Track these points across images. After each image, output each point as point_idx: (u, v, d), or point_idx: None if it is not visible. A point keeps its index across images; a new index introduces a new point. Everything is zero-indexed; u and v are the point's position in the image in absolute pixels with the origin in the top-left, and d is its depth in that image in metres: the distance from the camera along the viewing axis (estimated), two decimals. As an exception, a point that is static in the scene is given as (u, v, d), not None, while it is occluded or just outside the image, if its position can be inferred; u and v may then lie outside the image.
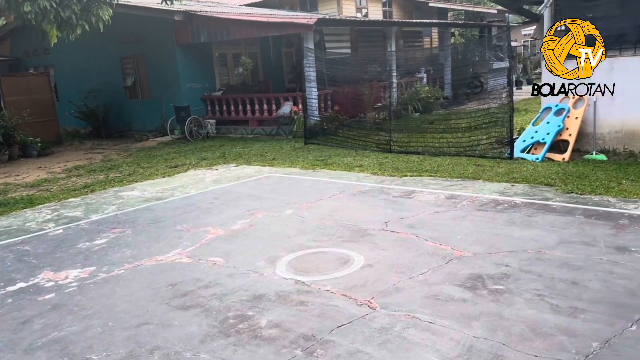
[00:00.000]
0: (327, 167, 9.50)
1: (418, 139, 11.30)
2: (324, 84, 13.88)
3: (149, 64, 15.93)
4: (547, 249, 4.72)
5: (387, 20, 18.91)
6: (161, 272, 4.82)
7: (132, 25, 15.41)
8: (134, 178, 9.68)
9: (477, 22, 24.55)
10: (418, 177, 8.24)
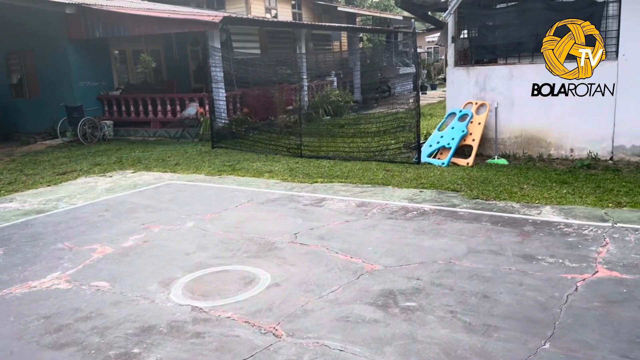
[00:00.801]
0: (235, 173, 9.02)
1: (329, 144, 11.13)
2: (233, 85, 13.34)
3: (37, 60, 14.48)
4: (456, 259, 4.61)
5: (297, 22, 18.70)
6: (33, 302, 4.13)
7: (18, 18, 13.91)
8: (14, 187, 8.60)
9: (384, 28, 25.08)
10: (329, 184, 8.01)
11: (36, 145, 13.37)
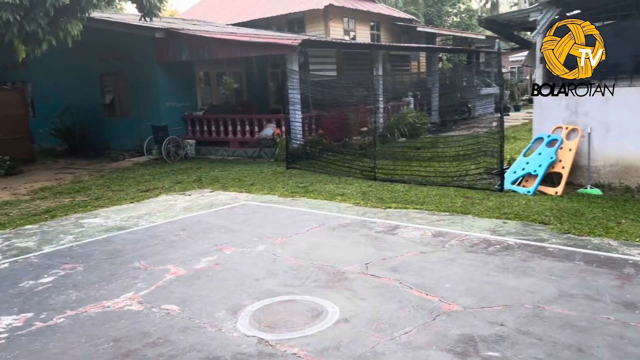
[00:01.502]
0: (307, 195, 8.95)
1: (404, 167, 10.82)
2: (309, 106, 13.41)
3: (128, 82, 15.37)
4: (546, 304, 4.18)
5: (374, 44, 18.61)
6: (106, 323, 4.18)
7: (112, 41, 14.88)
8: (100, 203, 9.03)
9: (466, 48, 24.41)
10: (403, 210, 7.71)
11: (124, 162, 14.10)
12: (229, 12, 24.26)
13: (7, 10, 8.19)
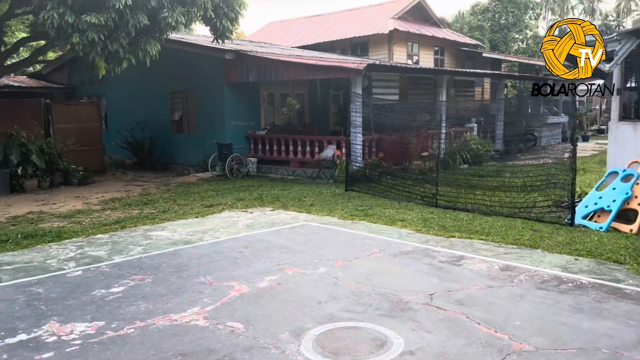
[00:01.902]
0: (367, 219, 8.90)
1: (467, 195, 10.58)
2: (370, 129, 13.43)
3: (197, 100, 15.96)
4: (625, 350, 3.93)
5: (440, 69, 18.45)
6: (173, 336, 4.28)
7: (183, 61, 15.54)
8: (167, 216, 9.35)
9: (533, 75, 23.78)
10: (467, 240, 7.52)
11: (189, 177, 14.58)
12: (294, 35, 24.84)
13: (93, 31, 8.76)
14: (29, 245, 7.39)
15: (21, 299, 5.27)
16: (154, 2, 9.15)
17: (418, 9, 23.17)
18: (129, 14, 8.97)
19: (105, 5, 8.90)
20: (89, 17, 8.70)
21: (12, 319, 4.75)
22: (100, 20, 8.70)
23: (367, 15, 22.97)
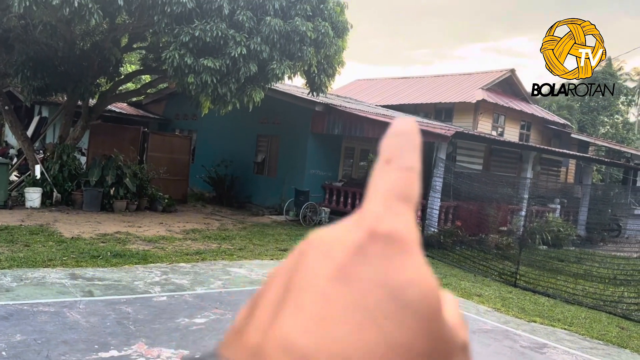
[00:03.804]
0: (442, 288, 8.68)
1: (548, 278, 10.13)
2: (449, 196, 13.30)
3: (281, 145, 16.53)
4: None
5: (528, 144, 18.14)
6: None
7: (274, 107, 16.25)
8: (243, 254, 9.58)
9: (623, 163, 22.80)
10: (549, 327, 7.16)
11: (263, 218, 14.93)
12: (380, 94, 25.38)
13: (207, 73, 9.46)
14: (117, 264, 7.79)
15: (112, 316, 5.53)
16: (265, 54, 9.79)
17: (507, 82, 23.12)
18: (242, 62, 9.63)
19: (222, 52, 9.62)
20: (205, 60, 9.43)
21: (105, 334, 4.98)
22: (216, 65, 9.39)
23: (454, 83, 23.16)
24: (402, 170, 0.32)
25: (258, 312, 0.28)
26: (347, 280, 0.27)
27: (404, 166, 0.32)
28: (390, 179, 0.31)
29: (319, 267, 0.28)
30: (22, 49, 11.46)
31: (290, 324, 0.25)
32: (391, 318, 0.25)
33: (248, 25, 10.12)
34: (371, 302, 0.26)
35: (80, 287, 6.47)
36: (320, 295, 0.26)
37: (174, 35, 9.82)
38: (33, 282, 6.49)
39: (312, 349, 0.24)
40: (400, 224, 0.29)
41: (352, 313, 0.25)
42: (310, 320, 0.25)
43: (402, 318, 0.26)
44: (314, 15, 10.83)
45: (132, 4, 9.52)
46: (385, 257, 0.27)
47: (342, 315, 0.25)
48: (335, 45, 11.14)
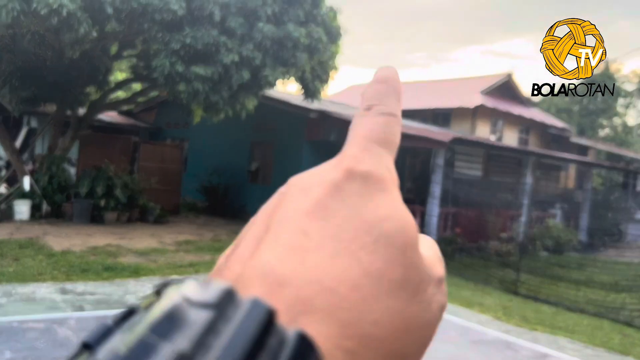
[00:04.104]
0: (441, 298, 8.47)
1: (549, 285, 9.93)
2: (447, 202, 13.11)
3: (275, 153, 16.33)
4: None
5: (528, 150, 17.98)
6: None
7: (267, 114, 16.06)
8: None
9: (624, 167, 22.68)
10: (551, 335, 6.97)
11: (258, 228, 14.69)
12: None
13: (199, 81, 9.28)
14: (109, 277, 7.56)
15: (98, 334, 5.30)
16: (258, 60, 9.61)
17: (505, 86, 23.01)
18: (234, 69, 9.45)
19: (214, 59, 9.44)
20: (197, 68, 9.25)
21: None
22: (208, 73, 9.21)
23: (452, 88, 23.05)
24: (382, 116, 0.33)
25: (239, 249, 0.28)
26: (324, 214, 0.27)
27: (384, 111, 0.33)
28: (370, 124, 0.33)
29: (298, 203, 0.28)
30: (10, 59, 11.27)
31: (268, 254, 0.26)
32: (365, 248, 0.26)
33: (240, 32, 9.95)
34: (347, 234, 0.27)
35: (71, 302, 6.26)
36: (297, 228, 0.27)
37: (165, 43, 9.64)
38: (23, 297, 6.31)
39: (288, 276, 0.25)
40: (377, 164, 0.30)
41: (327, 243, 0.26)
42: (287, 250, 0.26)
43: (376, 248, 0.26)
44: (308, 21, 10.67)
45: (122, 12, 9.35)
46: (362, 194, 0.28)
47: (318, 246, 0.26)
48: (329, 50, 10.99)
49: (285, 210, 0.28)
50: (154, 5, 9.17)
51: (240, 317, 0.21)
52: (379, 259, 0.26)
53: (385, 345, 0.25)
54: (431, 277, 0.29)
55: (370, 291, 0.25)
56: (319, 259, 0.26)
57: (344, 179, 0.29)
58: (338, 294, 0.25)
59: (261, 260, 0.26)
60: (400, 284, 0.26)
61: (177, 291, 0.22)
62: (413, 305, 0.27)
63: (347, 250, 0.26)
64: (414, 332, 0.27)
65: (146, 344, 0.19)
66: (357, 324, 0.24)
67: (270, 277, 0.25)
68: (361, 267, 0.26)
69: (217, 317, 0.21)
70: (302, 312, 0.24)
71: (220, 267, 0.29)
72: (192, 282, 0.23)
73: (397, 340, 0.26)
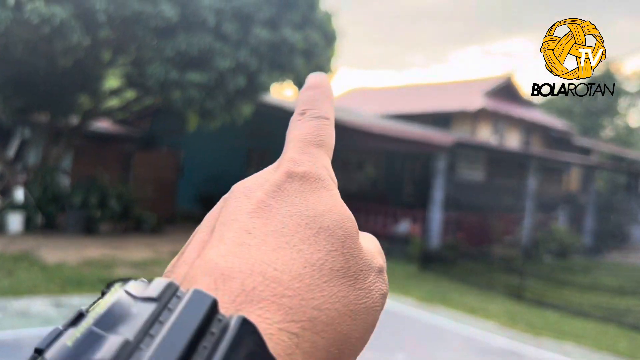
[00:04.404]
0: (444, 305, 8.29)
1: (554, 290, 9.75)
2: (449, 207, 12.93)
3: (272, 159, 15.68)
4: None
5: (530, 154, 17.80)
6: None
7: (263, 120, 15.90)
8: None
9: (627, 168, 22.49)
10: (558, 341, 6.80)
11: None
12: (376, 103, 25.11)
13: (194, 88, 9.11)
14: (101, 290, 7.38)
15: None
16: (254, 66, 9.47)
17: (506, 87, 22.87)
18: (230, 75, 9.30)
19: (209, 65, 9.29)
20: (192, 75, 9.10)
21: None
22: (203, 79, 9.05)
23: (453, 91, 22.92)
24: (315, 120, 0.35)
25: (185, 254, 0.29)
26: (266, 212, 0.29)
27: (317, 115, 0.36)
28: (305, 128, 0.35)
29: (240, 205, 0.29)
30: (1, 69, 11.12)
31: (212, 253, 0.27)
32: (307, 241, 0.28)
33: (235, 37, 9.81)
34: (288, 229, 0.28)
35: (66, 316, 6.05)
36: (240, 227, 0.28)
37: (159, 50, 9.49)
38: (17, 311, 6.15)
39: (232, 269, 0.26)
40: (315, 165, 0.32)
41: (270, 239, 0.27)
42: (231, 247, 0.27)
43: (317, 240, 0.28)
44: (304, 25, 10.53)
45: (115, 20, 9.21)
46: (301, 193, 0.30)
47: (261, 242, 0.27)
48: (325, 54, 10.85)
49: (228, 212, 0.29)
50: (147, 13, 9.03)
51: (182, 307, 0.21)
52: (320, 249, 0.27)
53: (329, 328, 0.26)
54: (371, 266, 0.30)
55: (312, 279, 0.26)
56: (262, 253, 0.26)
57: (284, 180, 0.30)
58: (281, 283, 0.25)
59: (205, 259, 0.26)
60: (342, 272, 0.28)
61: (120, 289, 0.24)
62: (354, 292, 0.28)
63: (289, 243, 0.27)
64: (356, 317, 0.28)
65: (92, 336, 0.20)
66: (301, 310, 0.25)
67: (214, 272, 0.25)
68: (303, 258, 0.27)
69: (160, 309, 0.22)
70: (246, 302, 0.24)
71: (167, 272, 0.29)
72: (135, 281, 0.24)
73: (340, 324, 0.27)
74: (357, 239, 0.30)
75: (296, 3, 10.27)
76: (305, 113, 0.35)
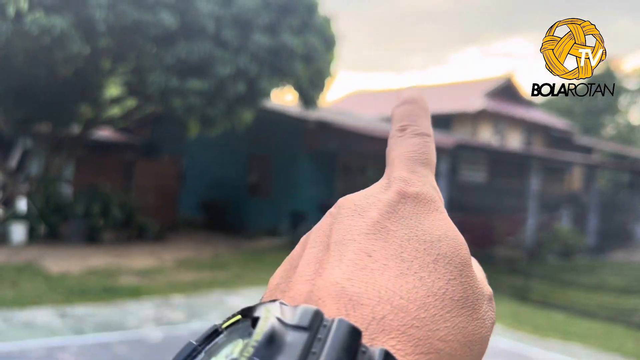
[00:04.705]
0: (450, 308, 8.27)
1: (559, 291, 9.72)
2: (452, 208, 12.89)
3: (274, 165, 16.16)
4: None
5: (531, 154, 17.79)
6: None
7: (264, 126, 15.91)
8: (240, 282, 9.15)
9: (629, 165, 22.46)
10: (564, 342, 6.77)
11: (259, 242, 14.48)
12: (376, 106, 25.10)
13: (195, 96, 9.13)
14: (108, 299, 7.37)
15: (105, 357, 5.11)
16: (254, 72, 9.49)
17: (507, 88, 22.87)
18: (231, 82, 9.32)
19: (209, 72, 9.31)
20: (193, 82, 9.11)
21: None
22: (204, 86, 9.07)
23: (453, 92, 22.92)
24: (417, 137, 0.35)
25: (300, 269, 0.29)
26: (383, 234, 0.29)
27: (419, 132, 0.35)
28: (408, 145, 0.34)
29: (355, 224, 0.29)
30: (2, 80, 11.15)
31: (336, 274, 0.27)
32: (426, 268, 0.28)
33: (235, 44, 9.82)
34: (407, 254, 0.28)
35: (71, 326, 6.08)
36: (359, 248, 0.28)
37: (159, 58, 9.52)
38: (22, 322, 6.14)
39: (360, 295, 0.26)
40: (425, 185, 0.32)
41: (391, 264, 0.28)
42: (354, 270, 0.27)
43: (437, 267, 0.28)
44: (303, 30, 10.55)
45: (115, 29, 9.23)
46: (416, 215, 0.30)
47: (382, 265, 0.27)
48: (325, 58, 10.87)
49: (343, 230, 0.29)
50: (147, 21, 9.06)
51: (332, 338, 0.22)
52: (440, 278, 0.28)
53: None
54: (484, 294, 0.30)
55: (436, 310, 0.26)
56: (386, 279, 0.27)
57: (397, 201, 0.30)
58: (409, 313, 0.26)
59: (330, 280, 0.27)
60: (461, 302, 0.28)
61: (270, 314, 0.24)
62: (473, 322, 0.28)
63: (410, 270, 0.27)
64: (473, 347, 0.28)
65: None
66: (428, 341, 0.25)
67: (343, 297, 0.26)
68: (426, 287, 0.27)
69: (311, 339, 0.23)
70: (378, 331, 0.25)
71: (278, 287, 0.29)
72: (281, 305, 0.25)
73: (460, 356, 0.27)
74: (472, 267, 0.30)
75: (295, 8, 10.30)
76: (406, 129, 0.35)
